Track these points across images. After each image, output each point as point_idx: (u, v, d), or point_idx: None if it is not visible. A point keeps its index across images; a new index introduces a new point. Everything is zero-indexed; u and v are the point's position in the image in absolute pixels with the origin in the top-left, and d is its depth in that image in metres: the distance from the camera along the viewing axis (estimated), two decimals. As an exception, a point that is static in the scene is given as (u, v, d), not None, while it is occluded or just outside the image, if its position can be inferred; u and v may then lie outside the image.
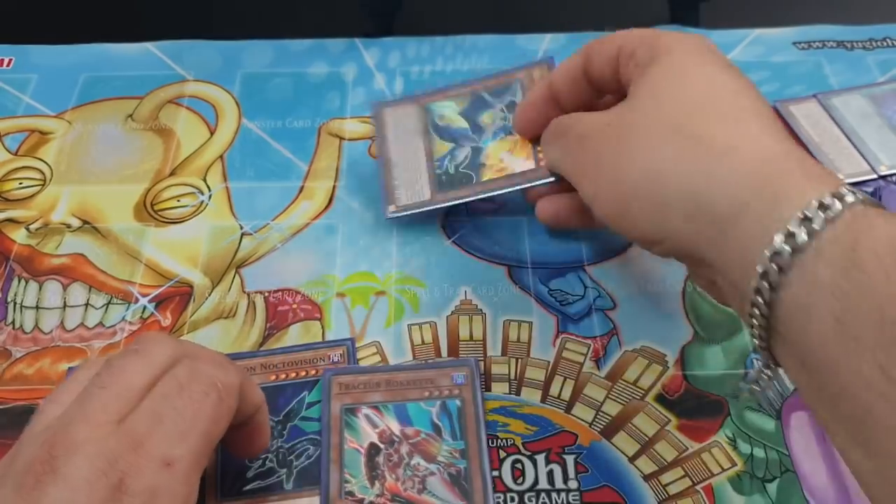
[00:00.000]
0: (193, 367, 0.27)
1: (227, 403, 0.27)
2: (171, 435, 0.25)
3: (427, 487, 0.32)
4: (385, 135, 0.43)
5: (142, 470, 0.24)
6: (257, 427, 0.30)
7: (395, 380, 0.35)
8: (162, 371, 0.27)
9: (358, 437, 0.33)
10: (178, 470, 0.24)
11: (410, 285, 0.39)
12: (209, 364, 0.28)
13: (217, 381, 0.27)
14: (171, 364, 0.27)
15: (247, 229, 0.42)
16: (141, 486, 0.24)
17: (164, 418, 0.25)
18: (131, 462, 0.24)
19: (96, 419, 0.24)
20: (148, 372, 0.26)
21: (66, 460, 0.23)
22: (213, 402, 0.26)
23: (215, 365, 0.28)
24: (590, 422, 0.35)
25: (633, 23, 0.53)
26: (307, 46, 0.51)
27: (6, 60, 0.50)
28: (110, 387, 0.26)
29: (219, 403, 0.26)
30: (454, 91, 0.44)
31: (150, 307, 0.38)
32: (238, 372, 0.28)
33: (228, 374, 0.28)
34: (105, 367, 0.27)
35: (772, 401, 0.35)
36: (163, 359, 0.27)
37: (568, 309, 0.38)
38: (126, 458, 0.24)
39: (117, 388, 0.26)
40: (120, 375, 0.26)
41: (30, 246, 0.41)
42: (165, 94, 0.48)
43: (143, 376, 0.26)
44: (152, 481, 0.24)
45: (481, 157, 0.41)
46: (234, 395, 0.27)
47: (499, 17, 0.54)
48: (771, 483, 0.33)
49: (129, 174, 0.44)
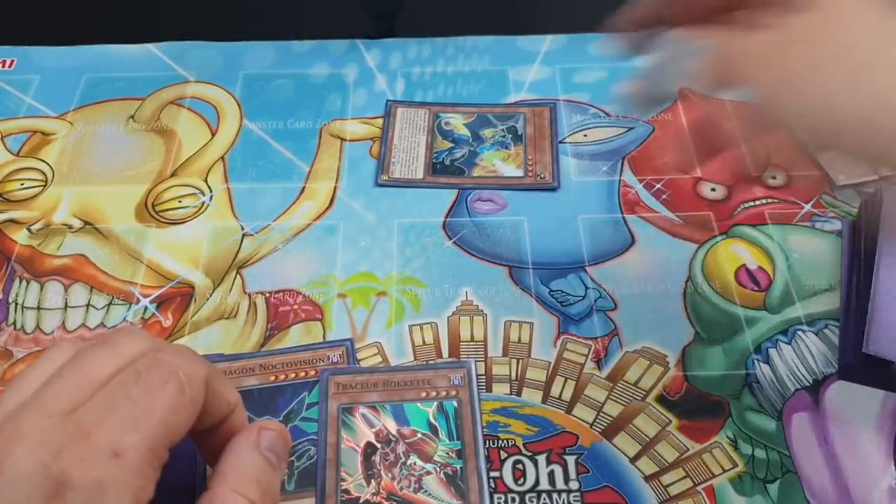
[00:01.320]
0: (155, 356, 0.26)
1: (189, 394, 0.25)
2: (121, 423, 0.23)
3: (423, 486, 0.32)
4: (393, 125, 0.46)
5: (87, 461, 0.22)
6: (233, 430, 0.28)
7: (393, 380, 0.35)
8: (128, 364, 0.25)
9: (355, 436, 0.33)
10: (129, 460, 0.23)
11: (411, 286, 0.39)
12: (173, 354, 0.26)
13: (179, 370, 0.25)
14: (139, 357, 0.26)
15: (248, 230, 0.42)
16: (86, 478, 0.22)
17: (117, 407, 0.24)
18: (76, 453, 0.22)
19: (48, 410, 0.23)
20: (112, 363, 0.25)
21: (7, 453, 0.22)
22: (172, 391, 0.25)
23: (180, 355, 0.26)
24: (591, 422, 0.35)
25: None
26: (308, 48, 0.51)
27: (8, 61, 0.51)
28: (69, 377, 0.24)
29: (179, 393, 0.25)
30: (463, 108, 0.48)
31: (151, 308, 0.39)
32: (205, 365, 0.27)
33: (193, 365, 0.26)
34: (71, 357, 0.26)
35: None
36: (131, 350, 0.26)
37: (569, 310, 0.38)
38: (71, 450, 0.22)
39: (76, 377, 0.24)
40: (81, 365, 0.25)
41: (31, 247, 0.41)
42: (167, 95, 0.49)
43: (105, 367, 0.25)
44: (99, 473, 0.22)
45: (476, 159, 0.45)
46: (197, 386, 0.26)
47: (499, 19, 0.54)
48: (772, 484, 0.33)
49: (130, 175, 0.44)
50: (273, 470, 0.28)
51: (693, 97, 0.48)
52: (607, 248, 0.41)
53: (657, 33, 0.33)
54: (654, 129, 0.46)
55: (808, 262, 0.40)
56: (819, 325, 0.37)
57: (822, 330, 0.37)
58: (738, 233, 0.41)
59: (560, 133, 0.46)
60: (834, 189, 0.43)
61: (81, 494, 0.22)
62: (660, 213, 0.42)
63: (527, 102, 0.48)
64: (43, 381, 0.25)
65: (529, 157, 0.45)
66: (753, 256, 0.40)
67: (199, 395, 0.26)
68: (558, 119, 0.47)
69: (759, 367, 0.36)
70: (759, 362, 0.36)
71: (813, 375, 0.36)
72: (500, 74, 0.50)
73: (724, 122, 0.32)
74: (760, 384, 0.36)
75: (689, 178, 0.44)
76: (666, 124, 0.47)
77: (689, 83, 0.32)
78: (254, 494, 0.26)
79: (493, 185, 0.43)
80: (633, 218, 0.42)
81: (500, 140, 0.46)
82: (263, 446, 0.28)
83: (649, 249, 0.41)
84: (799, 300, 0.38)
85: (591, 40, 0.52)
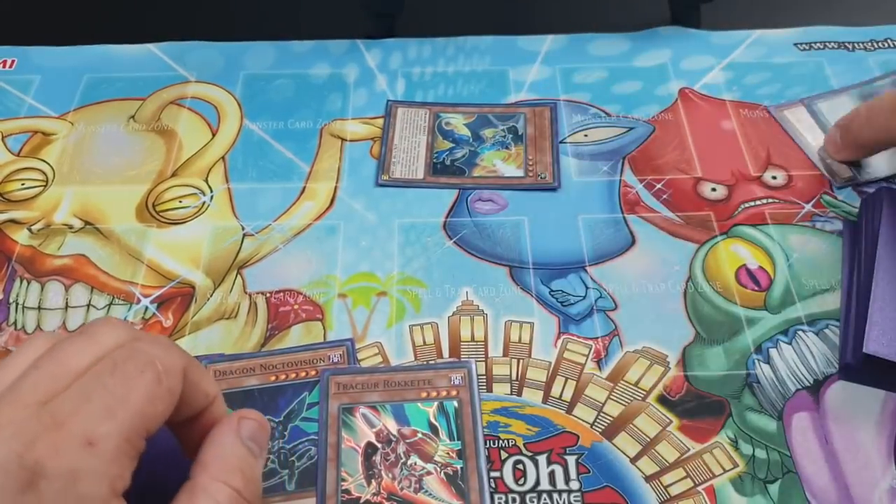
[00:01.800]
0: (133, 346, 0.26)
1: (166, 384, 0.25)
2: (96, 413, 0.23)
3: (424, 487, 0.32)
4: (393, 125, 0.46)
5: (61, 450, 0.22)
6: (212, 422, 0.28)
7: (393, 380, 0.35)
8: (106, 354, 0.25)
9: (355, 436, 0.33)
10: (104, 449, 0.23)
11: (412, 286, 0.39)
12: (150, 344, 0.26)
13: (156, 360, 0.25)
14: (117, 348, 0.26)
15: (248, 230, 0.42)
16: (60, 467, 0.22)
17: (93, 396, 0.24)
18: (50, 443, 0.22)
19: (23, 401, 0.23)
20: (90, 353, 0.25)
21: None
22: (148, 380, 0.25)
23: (157, 345, 0.26)
24: (591, 423, 0.35)
25: (633, 23, 0.53)
26: (309, 48, 0.51)
27: (9, 61, 0.51)
28: (45, 367, 0.24)
29: (156, 383, 0.25)
30: (463, 108, 0.48)
31: (151, 308, 0.39)
32: (183, 355, 0.27)
33: (171, 355, 0.26)
34: (48, 349, 0.25)
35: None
36: (108, 341, 0.26)
37: (569, 309, 0.38)
38: (45, 439, 0.22)
39: (52, 368, 0.24)
40: (58, 357, 0.25)
41: (32, 247, 0.41)
42: (168, 95, 0.49)
43: (82, 358, 0.25)
44: (73, 462, 0.22)
45: (476, 159, 0.45)
46: (175, 376, 0.26)
47: (500, 19, 0.54)
48: (772, 484, 0.33)
49: (131, 175, 0.44)
50: (255, 459, 0.28)
51: (693, 97, 0.48)
52: (608, 248, 0.41)
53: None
54: (655, 129, 0.46)
55: (808, 261, 0.40)
56: (820, 325, 0.37)
57: (823, 330, 0.37)
58: (738, 233, 0.41)
59: (561, 133, 0.46)
60: (835, 189, 0.43)
61: (55, 483, 0.22)
62: (660, 213, 0.42)
63: (527, 102, 0.48)
64: (19, 373, 0.25)
65: (530, 157, 0.45)
66: (754, 256, 0.40)
67: (176, 385, 0.26)
68: (559, 119, 0.47)
69: (760, 367, 0.36)
70: (759, 362, 0.36)
71: (814, 375, 0.36)
72: (501, 74, 0.50)
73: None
74: (761, 384, 0.36)
75: (690, 177, 0.44)
76: (667, 124, 0.47)
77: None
78: (237, 483, 0.26)
79: (494, 186, 0.43)
80: (633, 218, 0.42)
81: (500, 140, 0.46)
82: (245, 436, 0.28)
83: (650, 249, 0.41)
84: (799, 300, 0.38)
85: (591, 40, 0.52)
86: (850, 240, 0.40)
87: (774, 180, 0.44)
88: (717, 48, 0.51)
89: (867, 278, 0.36)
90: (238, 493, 0.26)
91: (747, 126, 0.46)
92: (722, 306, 0.38)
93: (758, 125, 0.46)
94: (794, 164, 0.44)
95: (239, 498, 0.26)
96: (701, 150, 0.45)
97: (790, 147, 0.45)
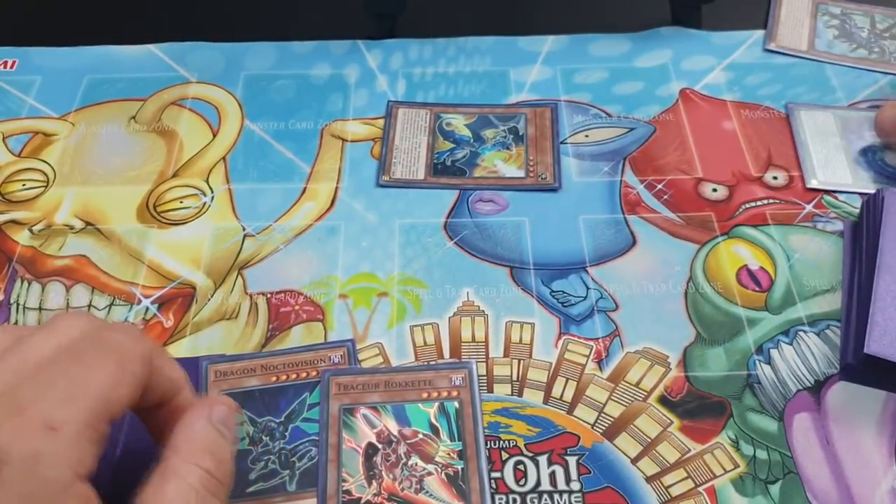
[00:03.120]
0: (97, 335, 0.26)
1: (129, 370, 0.25)
2: (58, 398, 0.24)
3: (424, 487, 0.32)
4: (394, 126, 0.46)
5: (22, 435, 0.23)
6: (181, 409, 0.28)
7: (394, 381, 0.35)
8: (70, 344, 0.26)
9: (356, 436, 0.33)
10: (65, 434, 0.23)
11: (412, 286, 0.39)
12: (114, 331, 0.26)
13: (120, 346, 0.26)
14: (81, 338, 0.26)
15: (249, 231, 0.42)
16: (22, 451, 0.22)
17: (55, 383, 0.24)
18: (11, 428, 0.23)
19: None
20: (52, 344, 0.25)
21: None
22: (111, 365, 0.25)
23: (121, 332, 0.27)
24: (592, 423, 0.35)
25: (634, 24, 0.53)
26: (310, 48, 0.52)
27: (10, 62, 0.51)
28: (8, 360, 0.25)
29: (118, 368, 0.25)
30: (464, 109, 0.48)
31: (152, 308, 0.39)
32: (148, 342, 0.27)
33: (134, 341, 0.26)
34: (14, 342, 0.26)
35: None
36: (72, 332, 0.26)
37: (570, 310, 0.38)
38: (7, 425, 0.23)
39: (15, 361, 0.25)
40: (21, 350, 0.25)
41: (33, 247, 0.41)
42: (168, 95, 0.49)
43: (45, 350, 0.25)
44: (33, 446, 0.22)
45: (477, 160, 0.45)
46: (138, 361, 0.26)
47: (501, 19, 0.54)
48: (773, 485, 0.33)
49: (132, 176, 0.44)
50: (225, 441, 0.28)
51: (694, 97, 0.48)
52: (609, 248, 0.41)
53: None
54: (656, 130, 0.46)
55: (809, 262, 0.40)
56: (821, 326, 0.37)
57: (824, 330, 0.37)
58: (739, 233, 0.41)
59: (561, 133, 0.46)
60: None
61: (17, 466, 0.22)
62: (661, 214, 0.42)
63: (528, 103, 0.48)
64: None
65: (531, 158, 0.45)
66: (755, 257, 0.40)
67: (140, 370, 0.26)
68: (559, 119, 0.47)
69: (761, 367, 0.36)
70: (760, 363, 0.36)
71: (815, 376, 0.36)
72: (502, 75, 0.50)
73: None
74: (762, 385, 0.36)
75: (691, 178, 0.44)
76: (667, 125, 0.47)
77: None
78: (208, 464, 0.26)
79: (495, 186, 0.43)
80: (634, 218, 0.42)
81: (501, 140, 0.46)
82: (215, 419, 0.28)
83: (651, 250, 0.41)
84: (800, 300, 0.38)
85: (592, 41, 0.52)
86: (851, 240, 0.40)
87: (775, 181, 0.44)
88: (717, 48, 0.51)
89: (868, 279, 0.36)
90: (209, 474, 0.26)
91: (748, 126, 0.46)
92: (723, 307, 0.38)
93: (759, 126, 0.46)
94: (795, 165, 0.44)
95: (210, 478, 0.26)
96: (702, 150, 0.45)
97: (791, 148, 0.45)
